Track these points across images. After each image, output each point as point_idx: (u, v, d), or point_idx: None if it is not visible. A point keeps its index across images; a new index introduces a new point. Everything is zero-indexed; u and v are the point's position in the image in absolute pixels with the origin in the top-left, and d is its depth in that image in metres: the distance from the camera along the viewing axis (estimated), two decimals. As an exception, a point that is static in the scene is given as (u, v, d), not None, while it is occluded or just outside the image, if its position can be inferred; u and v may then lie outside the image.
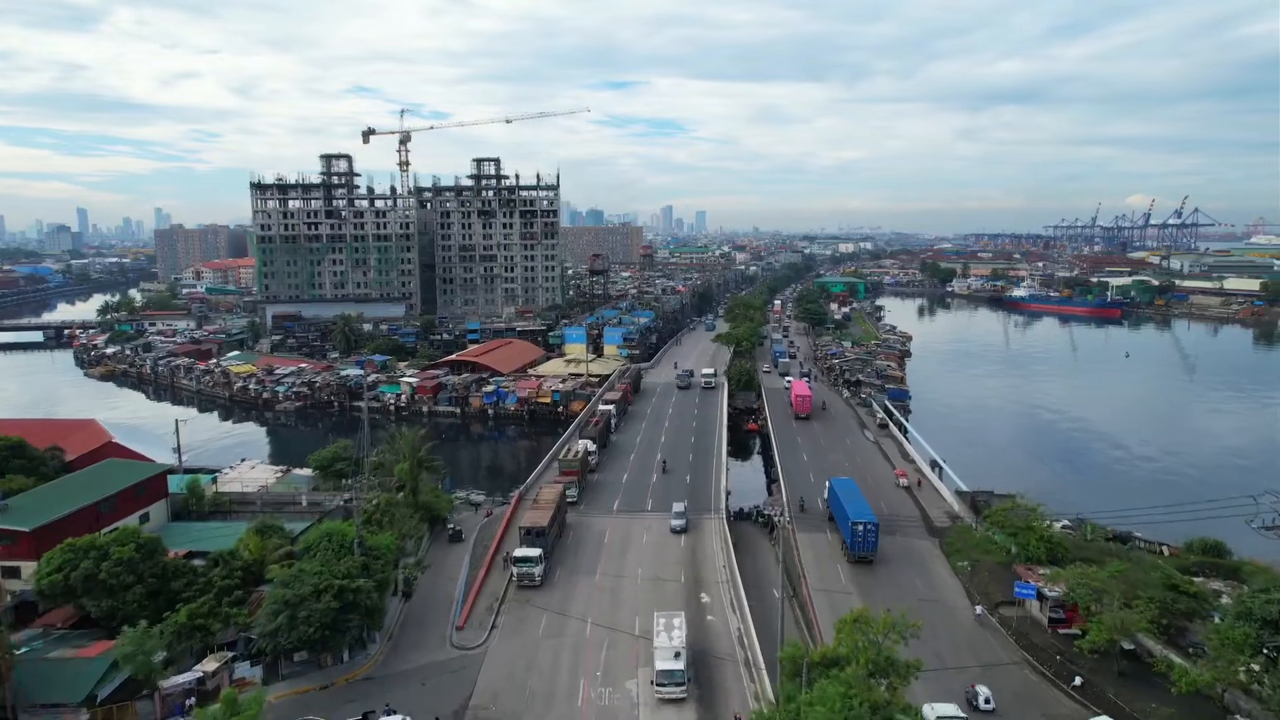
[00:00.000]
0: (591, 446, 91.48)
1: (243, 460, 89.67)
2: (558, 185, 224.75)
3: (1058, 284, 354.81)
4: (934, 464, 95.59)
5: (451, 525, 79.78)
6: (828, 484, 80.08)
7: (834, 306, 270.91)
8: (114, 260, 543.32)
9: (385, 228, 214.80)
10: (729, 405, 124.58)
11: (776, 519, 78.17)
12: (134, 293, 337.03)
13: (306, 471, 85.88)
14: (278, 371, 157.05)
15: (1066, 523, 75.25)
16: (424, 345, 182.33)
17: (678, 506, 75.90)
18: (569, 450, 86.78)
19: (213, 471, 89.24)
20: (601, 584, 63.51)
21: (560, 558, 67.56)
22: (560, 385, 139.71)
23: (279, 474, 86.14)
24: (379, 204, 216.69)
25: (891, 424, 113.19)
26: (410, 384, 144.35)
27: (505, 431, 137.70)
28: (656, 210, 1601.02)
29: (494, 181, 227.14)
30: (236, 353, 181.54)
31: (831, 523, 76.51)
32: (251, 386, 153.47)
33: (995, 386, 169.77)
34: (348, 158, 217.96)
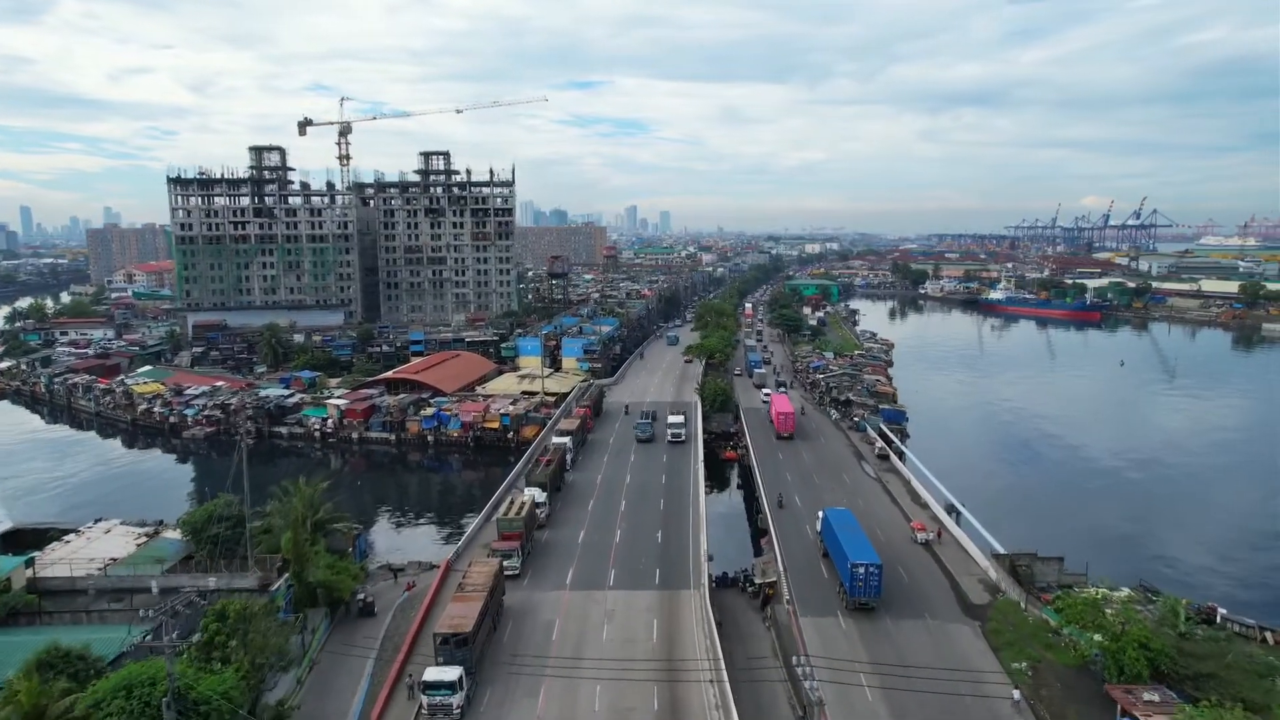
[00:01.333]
0: (540, 496, 74.55)
1: (97, 520, 70.91)
2: (513, 181, 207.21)
3: (1031, 285, 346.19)
4: (950, 509, 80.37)
5: (363, 595, 63.05)
6: (820, 515, 70.29)
7: (807, 310, 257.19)
8: (47, 261, 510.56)
9: (321, 227, 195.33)
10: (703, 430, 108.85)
11: (771, 587, 62.78)
12: (65, 296, 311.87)
13: (178, 535, 67.69)
14: (187, 392, 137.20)
15: (1128, 591, 60.41)
16: (361, 358, 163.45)
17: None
18: (511, 504, 69.71)
19: (66, 531, 70.78)
20: (545, 712, 46.73)
21: (491, 674, 50.48)
22: (510, 407, 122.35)
23: (142, 538, 67.75)
24: (315, 201, 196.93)
25: (893, 454, 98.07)
26: (338, 406, 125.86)
27: (447, 462, 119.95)
28: (621, 210, 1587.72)
29: (443, 177, 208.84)
30: (148, 368, 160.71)
31: (826, 559, 67.12)
32: (157, 409, 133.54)
33: (992, 401, 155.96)
34: (280, 150, 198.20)
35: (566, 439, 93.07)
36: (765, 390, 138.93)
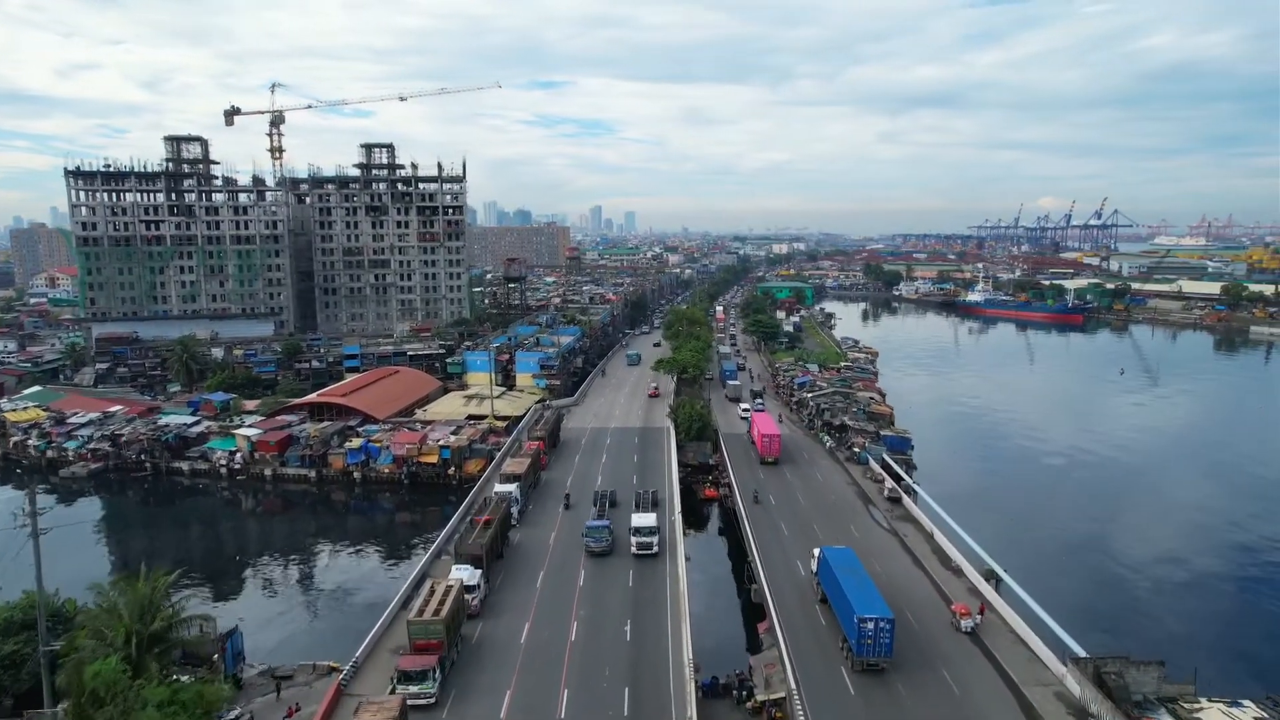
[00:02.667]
0: (473, 576, 57.14)
1: None
2: (463, 177, 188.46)
3: (1007, 286, 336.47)
4: (990, 575, 64.67)
5: (237, 713, 45.86)
6: (816, 554, 60.59)
7: (782, 314, 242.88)
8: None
9: (247, 227, 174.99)
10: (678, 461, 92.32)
11: (779, 709, 46.72)
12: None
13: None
14: (72, 420, 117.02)
15: (1253, 707, 45.20)
16: (287, 376, 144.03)
17: None
18: (429, 597, 52.06)
19: None
20: None
21: None
22: (451, 438, 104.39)
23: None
24: (241, 198, 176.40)
25: (905, 495, 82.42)
26: (248, 438, 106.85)
27: (376, 503, 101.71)
28: (585, 211, 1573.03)
29: (386, 172, 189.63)
30: (38, 389, 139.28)
31: (824, 604, 57.88)
32: (32, 442, 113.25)
33: (1000, 420, 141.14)
34: (201, 141, 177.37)
35: (513, 486, 75.66)
36: (743, 405, 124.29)
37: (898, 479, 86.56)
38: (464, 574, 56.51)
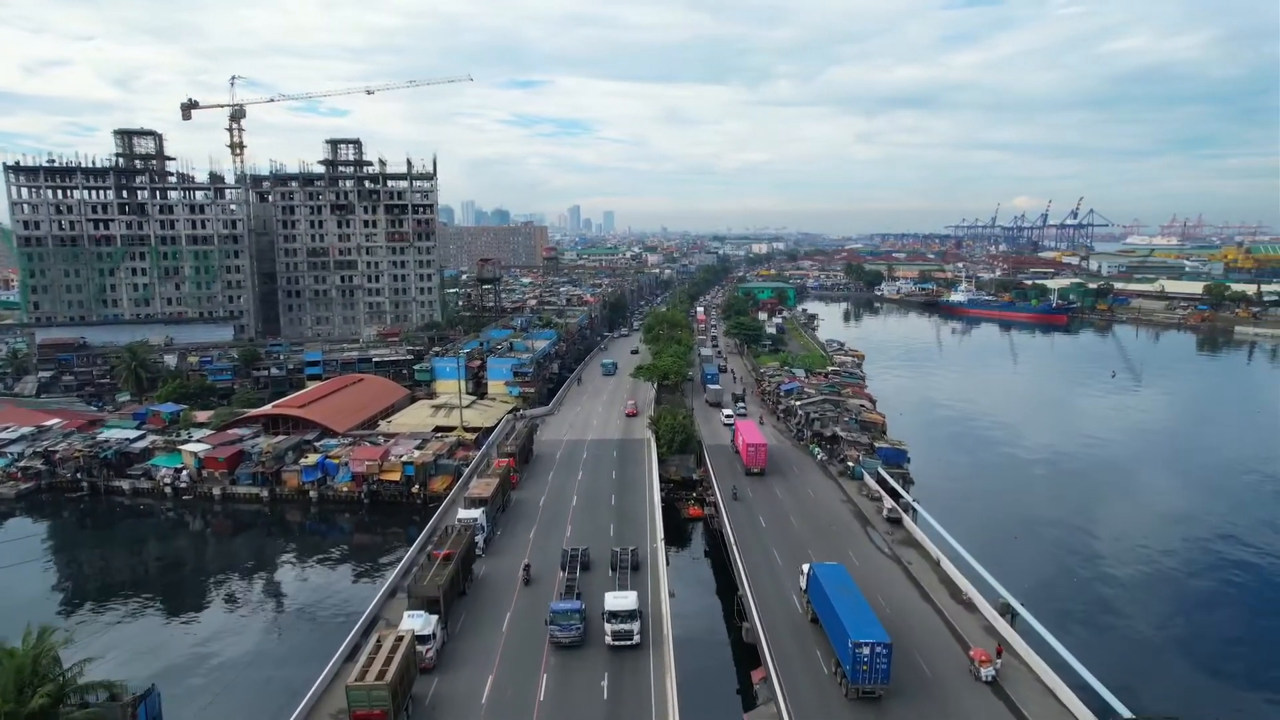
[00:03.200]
0: (428, 624, 50.01)
1: None
2: (434, 174, 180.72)
3: (990, 286, 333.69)
4: (1005, 609, 58.57)
5: None
6: (806, 571, 57.44)
7: (763, 316, 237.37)
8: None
9: (204, 226, 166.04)
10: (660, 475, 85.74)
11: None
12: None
13: None
14: (2, 435, 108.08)
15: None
16: (245, 385, 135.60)
17: None
18: (375, 653, 44.83)
19: None
20: None
21: None
22: (415, 453, 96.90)
23: None
24: (198, 196, 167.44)
25: (906, 517, 76.38)
26: (195, 454, 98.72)
27: (335, 524, 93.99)
28: (564, 210, 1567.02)
29: (353, 169, 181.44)
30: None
31: (815, 625, 54.60)
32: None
33: (993, 425, 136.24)
34: (155, 135, 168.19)
35: (478, 512, 68.54)
36: (726, 412, 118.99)
37: (895, 496, 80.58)
38: (417, 622, 49.38)
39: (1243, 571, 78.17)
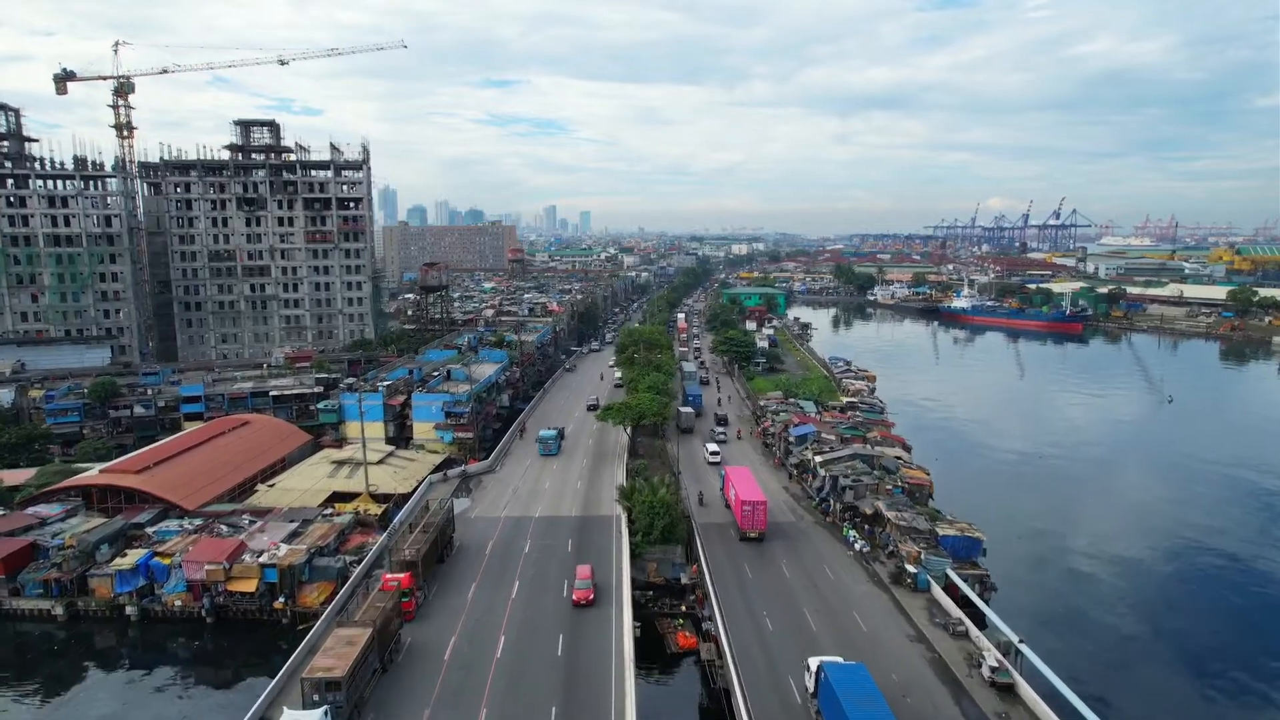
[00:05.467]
0: None
1: None
2: (365, 162, 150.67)
3: (990, 290, 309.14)
4: None
5: None
6: (813, 669, 44.76)
7: (752, 325, 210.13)
8: None
9: (70, 224, 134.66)
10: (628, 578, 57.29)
11: None
12: None
13: None
14: None
15: None
16: (99, 429, 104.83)
17: None
18: None
19: None
20: None
21: None
22: (281, 549, 67.26)
23: None
24: (62, 186, 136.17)
25: (1019, 679, 48.51)
26: (-39, 551, 68.40)
27: (167, 651, 63.99)
28: (540, 211, 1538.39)
29: (265, 156, 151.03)
30: None
31: None
32: None
33: (1059, 480, 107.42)
34: (10, 111, 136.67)
35: (316, 714, 39.41)
36: (711, 448, 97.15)
37: (982, 626, 52.81)
38: None
39: None
